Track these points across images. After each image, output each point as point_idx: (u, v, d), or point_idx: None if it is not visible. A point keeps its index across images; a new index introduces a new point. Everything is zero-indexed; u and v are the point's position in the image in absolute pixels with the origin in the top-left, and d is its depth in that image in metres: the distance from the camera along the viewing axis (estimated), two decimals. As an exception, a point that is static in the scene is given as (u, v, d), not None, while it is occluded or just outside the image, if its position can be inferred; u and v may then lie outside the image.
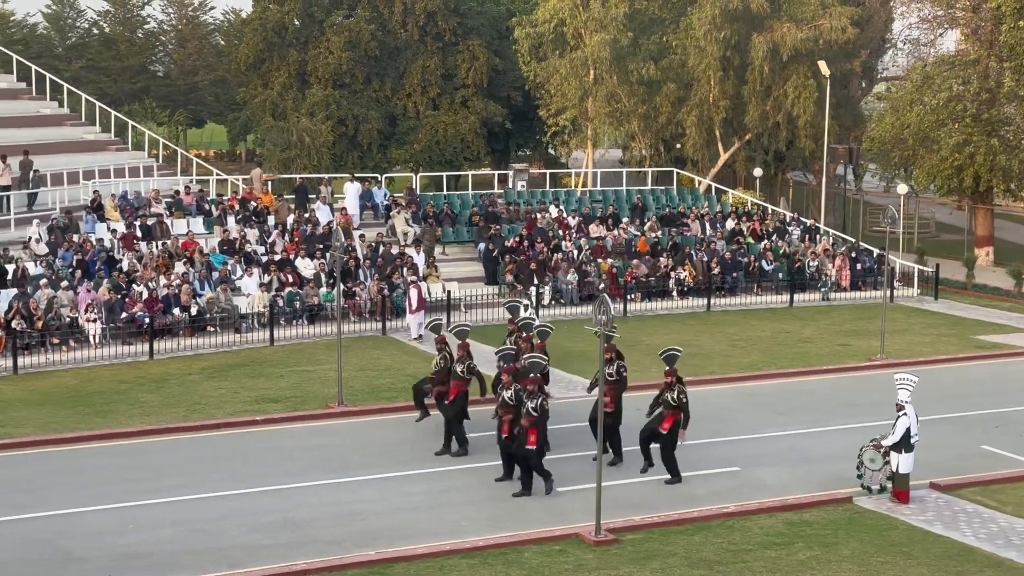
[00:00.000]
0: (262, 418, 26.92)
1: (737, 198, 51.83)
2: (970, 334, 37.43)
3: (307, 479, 22.81)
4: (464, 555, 19.15)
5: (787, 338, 36.36)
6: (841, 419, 27.29)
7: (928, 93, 51.49)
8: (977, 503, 21.86)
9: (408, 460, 24.11)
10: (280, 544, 19.54)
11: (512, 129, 68.05)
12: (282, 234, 40.52)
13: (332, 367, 29.71)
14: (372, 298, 37.07)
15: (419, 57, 64.61)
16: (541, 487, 21.93)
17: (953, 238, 57.98)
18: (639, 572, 18.57)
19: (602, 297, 20.30)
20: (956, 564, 19.02)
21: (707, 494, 22.21)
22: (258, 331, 35.15)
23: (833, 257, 44.43)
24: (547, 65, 60.35)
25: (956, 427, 26.75)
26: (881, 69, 68.81)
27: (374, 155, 63.09)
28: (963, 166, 49.69)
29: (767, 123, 55.42)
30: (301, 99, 63.06)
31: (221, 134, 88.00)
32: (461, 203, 46.42)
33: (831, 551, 19.55)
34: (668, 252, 43.05)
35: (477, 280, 40.80)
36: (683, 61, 56.84)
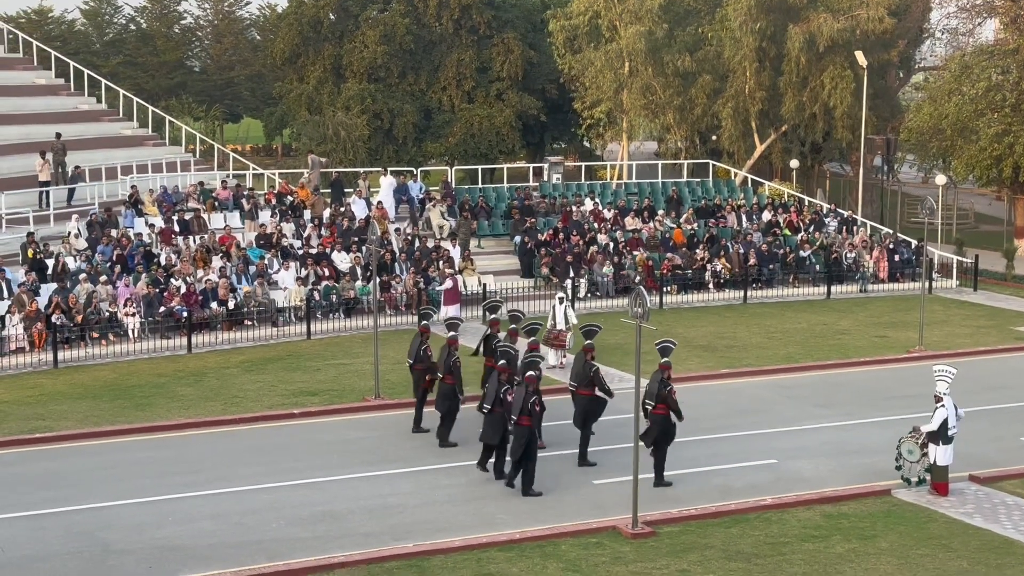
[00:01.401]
0: (299, 411, 27.03)
1: (773, 190, 51.61)
2: (1009, 325, 37.14)
3: (344, 472, 22.89)
4: (501, 548, 19.17)
5: (824, 330, 36.18)
6: (879, 411, 27.14)
7: (967, 83, 51.07)
8: (1018, 496, 21.69)
9: (444, 453, 24.14)
10: (317, 537, 19.62)
11: (547, 122, 67.96)
12: (318, 228, 40.65)
13: (369, 360, 29.80)
14: (408, 291, 37.14)
15: (454, 50, 64.63)
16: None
17: (992, 229, 57.53)
18: (676, 565, 18.54)
19: (638, 290, 20.24)
20: (996, 557, 18.89)
21: (744, 487, 22.15)
22: (295, 325, 35.28)
23: (871, 249, 44.17)
24: (582, 58, 60.27)
25: (996, 419, 26.55)
26: (919, 59, 68.39)
27: (409, 149, 63.17)
28: (1002, 156, 49.27)
29: (803, 114, 55.13)
30: (336, 93, 63.21)
31: (257, 129, 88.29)
32: (496, 196, 46.44)
33: (869, 544, 19.46)
34: (704, 244, 42.91)
35: (513, 273, 40.82)
36: (719, 52, 56.62)
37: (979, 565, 18.58)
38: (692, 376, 29.48)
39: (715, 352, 32.58)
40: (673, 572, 18.27)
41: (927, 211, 34.82)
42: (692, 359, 31.62)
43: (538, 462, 21.97)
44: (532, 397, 21.43)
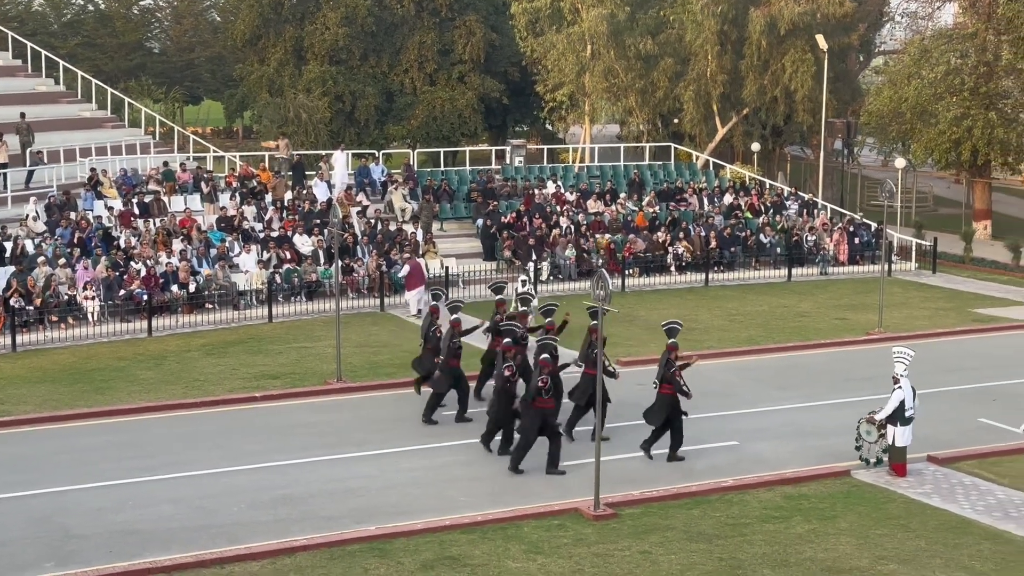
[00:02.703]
0: (261, 395, 26.94)
1: (735, 173, 51.77)
2: (968, 307, 37.46)
3: (306, 455, 22.84)
4: (463, 530, 19.19)
5: (785, 312, 36.37)
6: (839, 393, 27.33)
7: (926, 67, 51.40)
8: (975, 476, 21.92)
9: (407, 436, 24.14)
10: (279, 520, 19.57)
11: (509, 105, 67.85)
12: (279, 211, 40.47)
13: (330, 343, 29.73)
14: (370, 274, 37.06)
15: (416, 33, 64.38)
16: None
17: (951, 212, 57.95)
18: (638, 546, 18.62)
19: (600, 272, 20.30)
20: (954, 536, 19.08)
21: (706, 468, 22.26)
22: (256, 308, 35.14)
23: (831, 231, 44.42)
24: (544, 40, 60.21)
25: (954, 400, 26.79)
26: (879, 43, 68.72)
27: (371, 131, 62.92)
28: (961, 139, 49.64)
29: (765, 97, 55.30)
30: (298, 75, 62.86)
31: (218, 111, 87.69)
32: (459, 179, 46.36)
33: (829, 524, 19.61)
34: (666, 227, 43.02)
35: (475, 256, 40.79)
36: (680, 36, 56.67)
37: (937, 544, 18.76)
38: (654, 359, 29.49)
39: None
40: (635, 554, 18.35)
41: (887, 194, 35.03)
42: (653, 342, 31.66)
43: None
44: (543, 378, 21.59)
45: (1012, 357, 31.08)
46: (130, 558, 17.96)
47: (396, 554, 18.27)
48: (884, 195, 34.90)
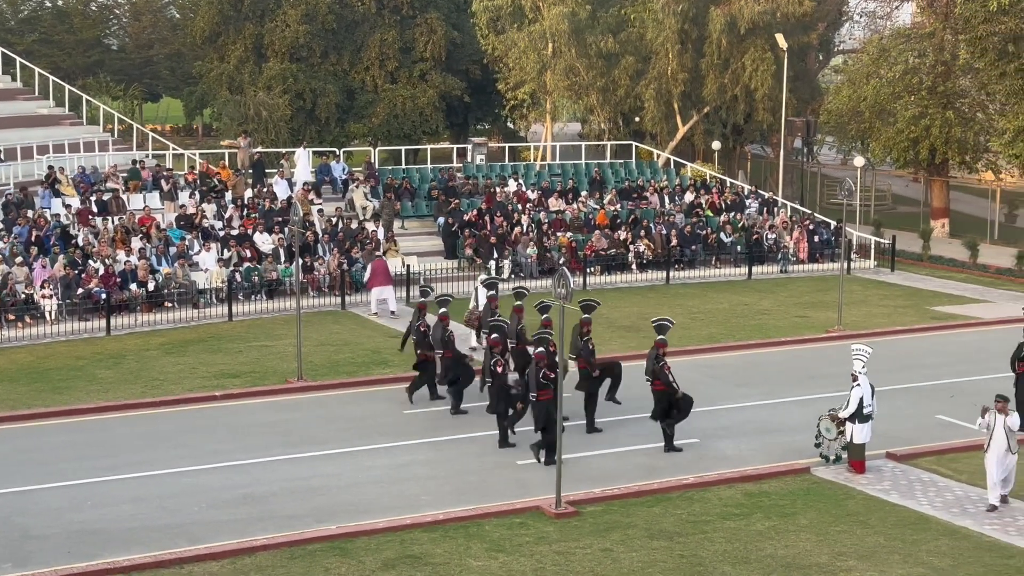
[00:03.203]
0: (221, 393, 26.81)
1: (696, 171, 51.94)
2: (926, 305, 37.74)
3: (266, 454, 22.76)
4: (425, 528, 19.18)
5: (745, 310, 36.53)
6: (799, 390, 27.48)
7: (884, 66, 51.78)
8: (933, 472, 22.09)
9: (368, 435, 24.10)
10: (239, 520, 19.49)
11: (471, 103, 67.79)
12: (240, 209, 40.28)
13: (291, 342, 29.63)
14: (331, 273, 36.94)
15: (376, 30, 64.20)
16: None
17: (909, 210, 58.37)
18: (599, 543, 18.66)
19: (561, 270, 20.34)
20: (912, 532, 19.23)
21: (667, 466, 22.34)
22: (216, 306, 34.98)
23: (791, 229, 44.65)
24: (505, 38, 60.19)
25: (912, 397, 26.99)
26: (838, 42, 69.17)
27: (332, 129, 62.71)
28: (919, 138, 50.02)
29: (725, 96, 55.52)
30: (258, 73, 62.56)
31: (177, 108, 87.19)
32: (420, 177, 46.28)
33: (789, 521, 19.71)
34: (627, 225, 43.11)
35: (436, 254, 40.75)
36: (641, 34, 56.80)
37: (895, 540, 18.90)
38: (615, 356, 29.58)
39: (638, 333, 32.74)
40: (596, 551, 18.38)
41: (846, 192, 35.24)
42: (615, 340, 31.80)
43: (464, 442, 21.97)
44: (543, 372, 21.89)
45: (969, 354, 31.33)
46: (89, 558, 17.84)
47: (357, 553, 18.23)
48: (843, 193, 35.11)
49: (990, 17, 44.65)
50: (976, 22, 45.31)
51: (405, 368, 29.00)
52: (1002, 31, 44.91)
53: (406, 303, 36.09)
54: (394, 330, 33.13)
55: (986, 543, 18.85)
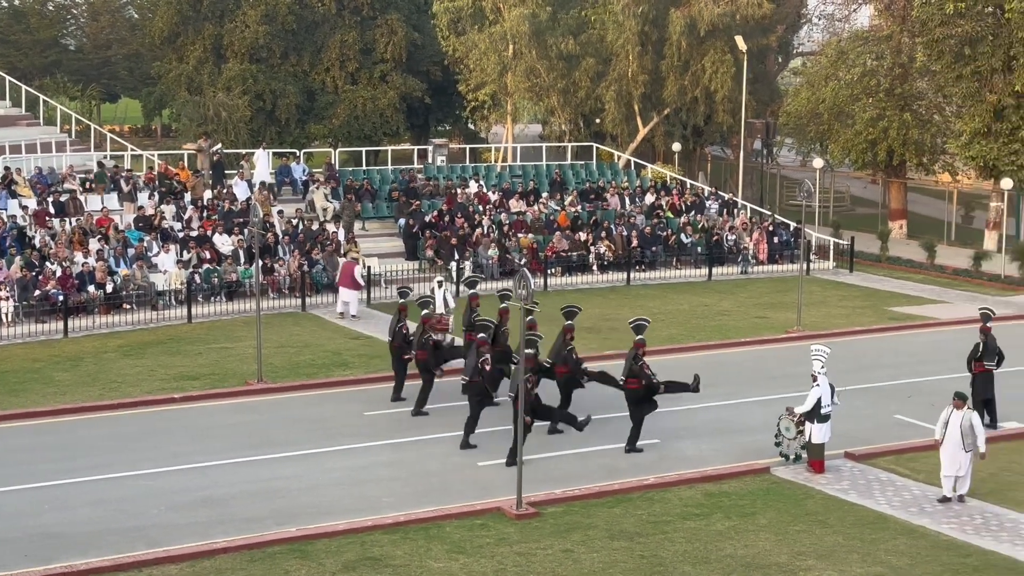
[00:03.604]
0: (180, 396, 26.66)
1: (656, 172, 52.09)
2: (884, 306, 38.01)
3: (226, 457, 22.65)
4: (386, 530, 19.13)
5: (706, 311, 36.66)
6: (759, 391, 27.61)
7: (843, 68, 52.17)
8: (891, 472, 22.25)
9: (329, 436, 24.03)
10: (199, 522, 19.38)
11: (431, 104, 67.65)
12: (199, 210, 40.06)
13: (251, 344, 29.50)
14: (292, 274, 36.81)
15: (337, 31, 63.97)
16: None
17: (868, 211, 58.78)
18: (560, 544, 18.68)
19: (522, 271, 20.39)
20: (871, 532, 19.36)
21: (628, 467, 22.39)
22: (175, 308, 34.78)
23: (751, 231, 44.85)
24: (466, 40, 60.16)
25: (870, 397, 27.18)
26: (797, 44, 69.57)
27: (292, 130, 62.43)
28: (877, 140, 50.40)
29: (685, 98, 55.71)
30: (217, 73, 62.20)
31: (135, 109, 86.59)
32: (381, 178, 46.20)
33: (749, 521, 19.80)
34: (588, 226, 43.19)
35: (397, 256, 40.68)
36: (602, 36, 56.91)
37: (854, 540, 19.02)
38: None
39: (599, 334, 32.82)
40: (557, 552, 18.40)
41: (805, 194, 35.46)
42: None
43: (425, 443, 21.95)
44: (527, 375, 21.87)
45: (927, 354, 31.58)
46: (46, 562, 17.69)
47: (317, 555, 18.17)
48: (802, 195, 35.32)
49: (947, 20, 45.12)
50: (933, 25, 45.75)
51: (366, 370, 29.00)
52: (958, 34, 45.40)
53: (367, 304, 36.03)
54: (355, 332, 33.09)
55: (943, 542, 19.00)
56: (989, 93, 45.70)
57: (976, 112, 46.34)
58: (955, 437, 20.46)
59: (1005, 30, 44.78)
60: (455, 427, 23.94)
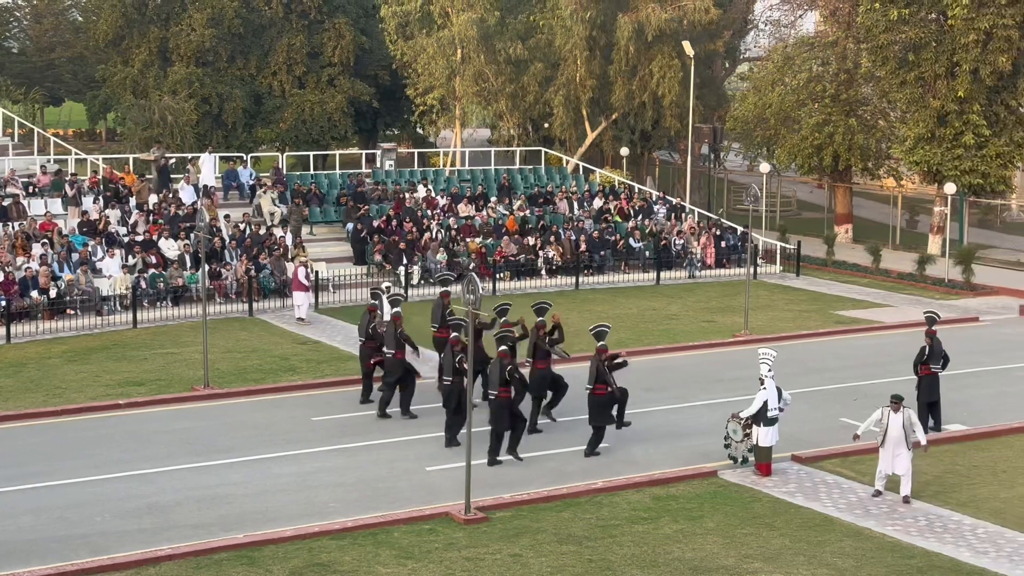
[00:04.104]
0: (125, 402, 26.41)
1: (604, 177, 52.24)
2: (830, 309, 38.29)
3: (172, 463, 22.46)
4: (333, 536, 19.04)
5: (654, 315, 36.79)
6: (706, 394, 27.74)
7: (789, 74, 52.56)
8: (837, 474, 22.41)
9: (276, 442, 23.88)
10: (144, 530, 19.20)
11: (380, 108, 67.51)
12: (145, 215, 39.73)
13: (198, 349, 29.28)
14: (239, 279, 36.58)
15: (284, 35, 63.70)
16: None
17: (814, 216, 59.24)
18: (509, 549, 18.66)
19: (470, 276, 20.36)
20: (817, 534, 19.48)
21: (577, 471, 22.40)
22: (120, 313, 34.45)
23: (698, 235, 45.06)
24: (414, 44, 60.07)
25: (817, 400, 27.36)
26: (744, 50, 69.96)
27: (239, 134, 62.05)
28: (822, 145, 50.80)
29: (633, 103, 55.88)
30: (163, 77, 61.75)
31: (80, 112, 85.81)
32: (329, 183, 46.01)
33: (697, 524, 19.87)
34: (536, 231, 43.23)
35: (345, 260, 40.53)
36: (550, 41, 57.02)
37: (800, 542, 19.13)
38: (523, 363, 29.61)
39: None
40: (505, 557, 18.38)
41: (752, 198, 35.68)
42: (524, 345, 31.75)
43: (373, 448, 21.88)
44: (508, 369, 22.22)
45: (872, 357, 31.84)
46: (-12, 571, 17.49)
47: (264, 562, 18.05)
48: (749, 199, 35.53)
49: (891, 27, 45.58)
50: (877, 31, 46.19)
51: (314, 375, 28.86)
52: (902, 40, 45.88)
53: (315, 309, 35.85)
54: (303, 337, 32.92)
55: (888, 543, 19.16)
56: (933, 99, 46.21)
57: (920, 117, 46.83)
58: (897, 437, 20.77)
59: (948, 36, 45.30)
60: (403, 432, 23.87)
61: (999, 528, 19.82)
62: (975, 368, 30.18)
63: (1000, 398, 27.95)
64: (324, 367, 29.58)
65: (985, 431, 25.17)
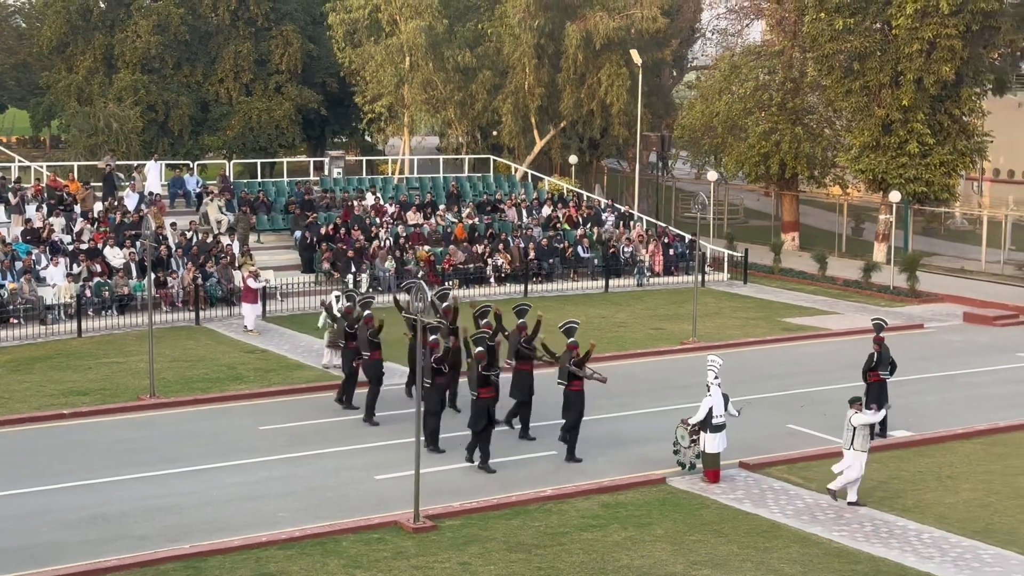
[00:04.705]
0: (70, 412, 26.13)
1: (553, 185, 52.31)
2: (777, 317, 38.54)
3: (117, 473, 22.25)
4: (281, 546, 18.93)
5: (603, 323, 36.85)
6: (655, 402, 27.82)
7: (736, 82, 52.88)
8: (784, 481, 22.54)
9: (223, 451, 23.72)
10: (89, 541, 19.00)
11: (327, 116, 67.27)
12: (90, 223, 39.35)
13: (143, 358, 29.04)
14: (185, 287, 36.30)
15: (231, 42, 63.37)
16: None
17: (761, 224, 59.60)
18: (458, 558, 18.62)
19: (418, 284, 20.36)
20: (764, 540, 19.58)
21: (525, 478, 22.40)
22: (65, 322, 34.07)
23: (647, 243, 45.21)
24: (362, 52, 59.91)
25: (764, 407, 27.51)
26: (691, 58, 70.38)
27: (186, 142, 61.65)
28: (769, 153, 51.13)
29: (581, 111, 56.04)
30: (108, 84, 61.23)
31: (24, 120, 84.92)
32: (276, 190, 45.80)
33: (645, 531, 19.92)
34: (485, 239, 43.23)
35: (294, 268, 40.33)
36: (498, 49, 57.08)
37: (748, 549, 19.23)
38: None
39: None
40: (454, 565, 18.34)
41: (700, 206, 35.85)
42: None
43: (322, 457, 21.78)
44: (483, 367, 22.57)
45: (818, 364, 32.07)
46: (-71, 585, 17.24)
47: (211, 572, 17.91)
48: (697, 207, 35.70)
49: (836, 36, 45.99)
50: (823, 40, 46.59)
51: (262, 383, 28.69)
52: (847, 49, 46.29)
53: (263, 318, 35.62)
54: (250, 345, 32.72)
55: (834, 549, 19.29)
56: (877, 107, 46.65)
57: (865, 126, 47.26)
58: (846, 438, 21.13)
59: (893, 46, 45.76)
60: (352, 441, 23.77)
61: (944, 533, 20.02)
62: (920, 375, 30.45)
63: (944, 404, 28.25)
64: (272, 376, 29.42)
65: (930, 437, 25.42)
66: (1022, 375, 31.20)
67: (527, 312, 26.29)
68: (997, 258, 47.90)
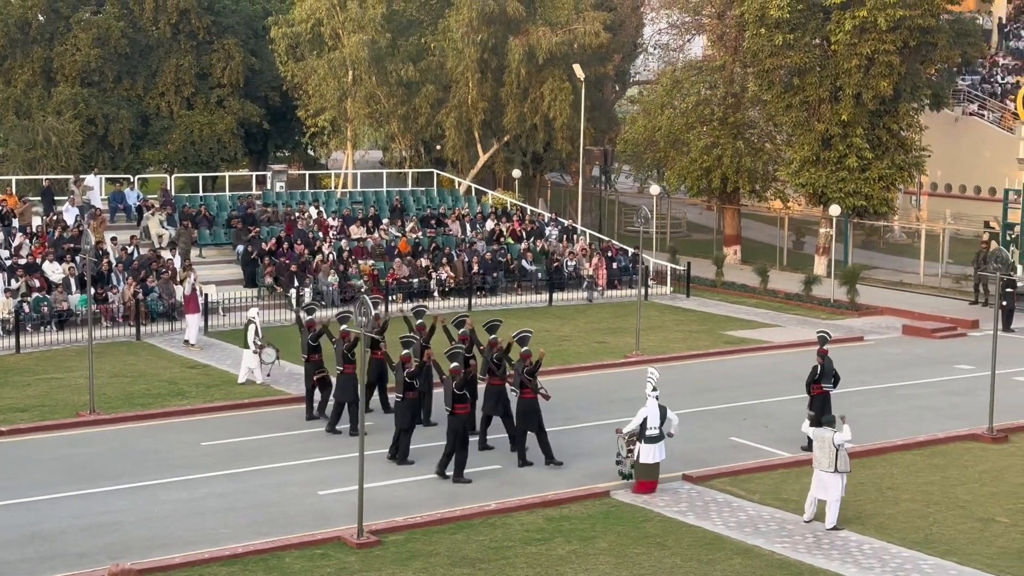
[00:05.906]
0: (7, 428, 25.80)
1: (497, 199, 52.39)
2: (719, 330, 38.77)
3: (56, 490, 21.98)
4: (223, 563, 18.77)
5: (546, 337, 36.84)
6: (598, 415, 27.88)
7: (677, 97, 53.22)
8: (727, 493, 22.66)
9: (164, 467, 23.50)
10: (27, 559, 18.76)
11: (270, 130, 67.00)
12: (29, 237, 38.92)
13: (83, 374, 28.71)
14: (126, 302, 35.97)
15: (172, 56, 62.97)
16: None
17: (703, 237, 59.98)
18: (402, 573, 18.56)
19: (363, 298, 20.33)
20: (707, 552, 19.67)
21: (469, 493, 22.37)
22: (2, 338, 33.66)
23: (590, 256, 45.36)
24: (305, 65, 59.74)
25: (707, 419, 27.65)
26: (633, 73, 70.76)
27: (126, 156, 61.14)
28: (711, 167, 51.48)
29: (525, 125, 56.17)
30: (47, 97, 60.62)
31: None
32: (218, 204, 45.54)
33: (589, 544, 19.95)
34: (429, 253, 43.20)
35: (235, 283, 40.09)
36: (442, 63, 57.11)
37: (691, 561, 19.30)
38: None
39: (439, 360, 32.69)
40: (398, 580, 18.28)
41: (642, 220, 36.04)
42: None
43: (264, 473, 21.62)
44: (457, 384, 22.79)
45: (760, 377, 32.28)
46: None
47: (152, 590, 17.73)
48: (640, 221, 35.88)
49: (776, 52, 46.46)
50: (763, 56, 47.05)
51: (204, 399, 28.47)
52: (787, 65, 46.79)
53: (205, 332, 35.37)
54: (192, 360, 32.47)
55: (777, 561, 19.41)
56: (817, 122, 47.14)
57: (805, 141, 47.74)
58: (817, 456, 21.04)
59: (832, 62, 46.29)
60: (295, 456, 23.63)
61: (884, 544, 20.20)
62: (860, 387, 30.73)
63: (885, 416, 28.52)
64: (214, 391, 29.21)
65: (871, 448, 25.62)
66: (960, 387, 31.58)
67: (498, 328, 26.42)
68: (935, 271, 48.48)
